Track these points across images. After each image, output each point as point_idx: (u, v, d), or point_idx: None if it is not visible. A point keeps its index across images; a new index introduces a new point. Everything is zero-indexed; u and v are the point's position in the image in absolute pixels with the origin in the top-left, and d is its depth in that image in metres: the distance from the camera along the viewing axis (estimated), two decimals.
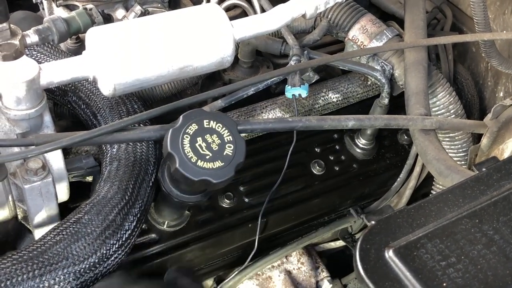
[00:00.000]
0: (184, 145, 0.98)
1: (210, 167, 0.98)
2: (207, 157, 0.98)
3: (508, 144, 1.14)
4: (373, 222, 0.75)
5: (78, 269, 0.98)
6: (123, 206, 1.06)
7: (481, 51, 1.36)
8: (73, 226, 1.01)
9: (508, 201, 0.77)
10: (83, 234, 1.01)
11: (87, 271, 1.00)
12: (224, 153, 0.99)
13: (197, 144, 0.98)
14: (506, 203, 0.77)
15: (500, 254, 0.71)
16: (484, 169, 0.82)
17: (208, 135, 1.00)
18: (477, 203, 0.77)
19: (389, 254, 0.71)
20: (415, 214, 0.76)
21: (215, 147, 0.99)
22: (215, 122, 1.01)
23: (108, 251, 1.02)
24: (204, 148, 0.99)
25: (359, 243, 0.72)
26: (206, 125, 1.00)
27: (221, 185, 1.00)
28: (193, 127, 0.99)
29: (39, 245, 0.99)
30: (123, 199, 1.07)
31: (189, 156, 0.97)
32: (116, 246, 1.04)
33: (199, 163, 0.97)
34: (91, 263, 1.00)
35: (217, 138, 1.00)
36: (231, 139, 1.01)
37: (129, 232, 1.06)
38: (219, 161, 0.98)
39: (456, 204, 0.77)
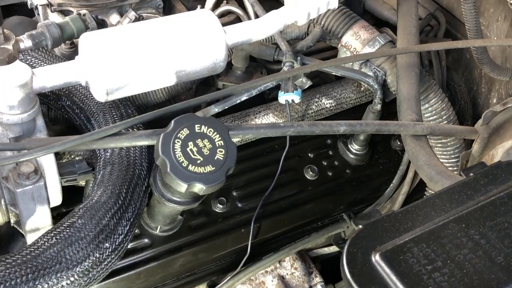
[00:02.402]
0: (176, 150, 0.98)
1: (201, 171, 0.98)
2: (198, 161, 0.99)
3: (498, 150, 1.14)
4: (360, 226, 0.75)
5: (72, 273, 0.99)
6: (117, 211, 1.07)
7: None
8: (67, 230, 1.02)
9: (495, 206, 0.77)
10: (76, 238, 1.01)
11: (81, 275, 1.00)
12: (215, 158, 1.00)
13: (188, 149, 0.99)
14: (492, 208, 0.77)
15: (486, 258, 0.72)
16: (471, 174, 0.83)
17: (199, 140, 1.00)
18: (464, 207, 0.77)
19: (376, 258, 0.71)
20: (402, 219, 0.76)
21: (206, 152, 1.00)
22: (206, 127, 1.02)
23: (101, 255, 1.03)
24: (195, 153, 0.99)
25: (346, 247, 0.73)
26: (198, 129, 1.01)
27: (212, 190, 1.00)
28: (185, 131, 1.00)
29: (32, 249, 0.99)
30: (116, 203, 1.07)
31: (180, 161, 0.98)
32: (110, 250, 1.04)
33: (190, 167, 0.98)
34: (85, 267, 1.00)
35: (208, 143, 1.00)
36: (222, 144, 1.01)
37: (122, 236, 1.07)
38: (210, 165, 0.99)
39: (443, 208, 0.78)
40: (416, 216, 0.77)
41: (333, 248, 1.58)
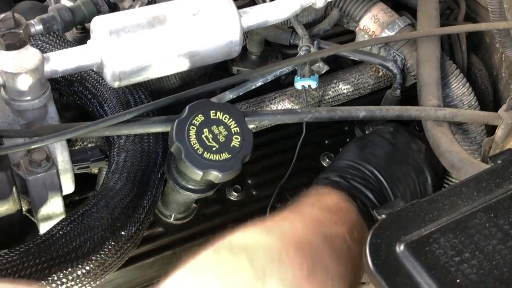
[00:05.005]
0: (190, 137, 0.96)
1: (217, 159, 0.96)
2: (214, 148, 0.96)
3: None
4: (383, 216, 0.72)
5: (87, 262, 0.97)
6: (132, 198, 1.05)
7: (495, 41, 1.33)
8: (81, 219, 1.00)
9: None
10: (91, 226, 0.99)
11: (96, 264, 0.99)
12: (231, 145, 0.98)
13: (203, 136, 0.97)
14: None
15: None
16: (499, 162, 0.80)
17: (214, 126, 0.98)
18: (492, 196, 0.74)
19: (401, 249, 0.68)
20: (428, 208, 0.73)
21: (222, 139, 0.97)
22: (222, 113, 0.99)
23: (117, 244, 1.01)
24: (210, 140, 0.97)
25: (369, 237, 0.70)
26: (213, 116, 0.99)
27: (228, 178, 0.98)
28: (200, 118, 0.98)
29: (46, 238, 0.98)
30: (131, 190, 1.05)
31: (195, 148, 0.95)
32: (125, 238, 1.03)
33: (206, 154, 0.95)
34: (100, 256, 0.99)
35: (224, 130, 0.98)
36: (238, 131, 0.99)
37: (138, 224, 1.05)
38: (225, 153, 0.97)
39: (470, 197, 0.74)
40: (442, 205, 0.74)
41: None
